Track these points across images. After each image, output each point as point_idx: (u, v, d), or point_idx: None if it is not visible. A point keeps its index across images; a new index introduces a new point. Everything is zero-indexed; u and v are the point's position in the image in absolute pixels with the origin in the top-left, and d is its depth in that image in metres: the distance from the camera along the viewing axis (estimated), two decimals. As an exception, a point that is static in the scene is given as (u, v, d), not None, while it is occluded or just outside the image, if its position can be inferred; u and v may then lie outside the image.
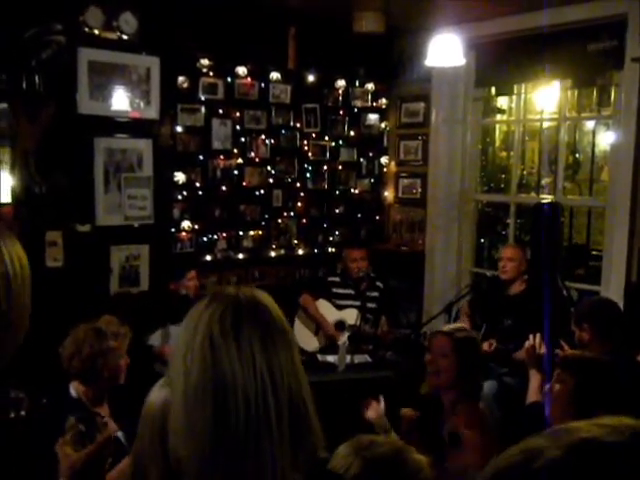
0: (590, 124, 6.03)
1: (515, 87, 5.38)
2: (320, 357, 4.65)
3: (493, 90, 5.64)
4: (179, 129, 4.87)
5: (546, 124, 5.64)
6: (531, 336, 3.09)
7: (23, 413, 2.62)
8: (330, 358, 4.53)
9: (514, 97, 5.58)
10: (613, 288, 4.58)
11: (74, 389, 2.64)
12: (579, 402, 2.16)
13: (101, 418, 2.04)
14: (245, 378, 1.07)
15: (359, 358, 4.38)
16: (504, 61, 5.18)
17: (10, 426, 2.51)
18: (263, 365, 1.09)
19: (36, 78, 4.13)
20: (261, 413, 1.07)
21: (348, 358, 4.24)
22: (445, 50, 3.56)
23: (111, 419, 2.61)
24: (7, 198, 4.34)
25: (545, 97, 5.46)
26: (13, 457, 2.09)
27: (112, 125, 4.52)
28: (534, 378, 3.03)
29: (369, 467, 1.56)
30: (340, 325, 4.92)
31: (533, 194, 5.85)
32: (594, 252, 5.81)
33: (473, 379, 2.81)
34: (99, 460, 1.83)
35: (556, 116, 5.29)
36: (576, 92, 5.32)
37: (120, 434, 2.55)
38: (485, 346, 4.33)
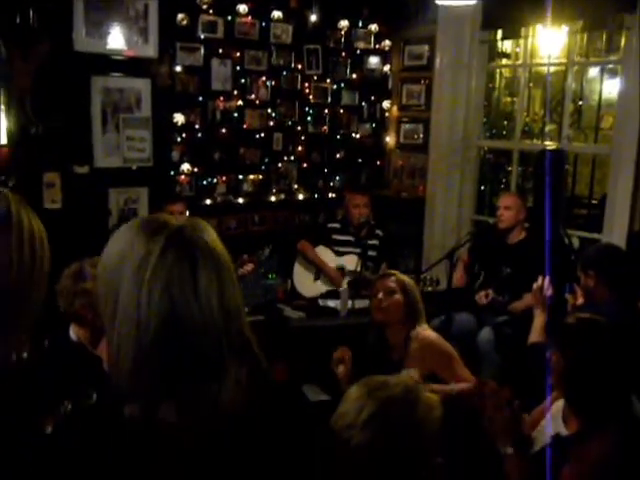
0: (595, 71, 5.91)
1: (522, 30, 5.24)
2: (321, 302, 4.64)
3: (499, 33, 5.50)
4: (178, 69, 4.74)
5: (553, 69, 5.52)
6: (540, 277, 3.08)
7: (25, 355, 2.60)
8: (331, 303, 4.53)
9: (520, 41, 5.45)
10: (615, 236, 4.55)
11: (73, 332, 2.61)
12: (566, 380, 2.13)
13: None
14: (202, 322, 1.08)
15: (360, 303, 4.37)
16: (512, 2, 5.03)
17: (12, 369, 2.49)
18: (219, 307, 1.10)
19: (30, 13, 4.00)
20: (216, 351, 1.09)
21: (349, 303, 4.23)
22: (456, -13, 3.43)
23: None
24: (3, 140, 4.25)
25: (552, 41, 5.32)
26: (16, 401, 2.08)
27: (109, 63, 4.41)
28: (539, 318, 3.03)
29: (383, 408, 1.54)
30: (340, 271, 4.90)
31: (536, 141, 5.77)
32: (594, 201, 5.78)
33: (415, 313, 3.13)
34: None
35: (564, 61, 5.18)
36: (585, 36, 5.19)
37: None
38: (481, 297, 4.32)
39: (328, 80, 5.61)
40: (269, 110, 5.29)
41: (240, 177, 5.22)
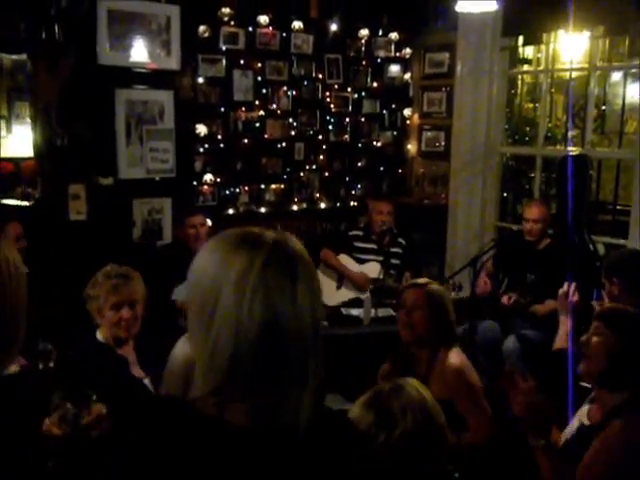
0: (618, 76, 5.87)
1: (543, 36, 5.21)
2: (344, 311, 4.64)
3: (520, 39, 5.48)
4: (200, 80, 4.80)
5: (575, 74, 5.49)
6: (565, 283, 3.05)
7: (52, 365, 2.65)
8: (354, 312, 4.52)
9: (542, 47, 5.43)
10: (641, 242, 4.50)
11: (100, 333, 2.68)
12: (617, 359, 2.12)
13: (90, 395, 2.04)
14: (297, 330, 1.12)
15: (383, 312, 4.36)
16: (533, 8, 5.01)
17: (39, 377, 2.52)
18: (311, 316, 1.13)
19: (55, 27, 4.07)
20: (303, 358, 1.12)
21: (372, 312, 4.22)
22: (476, -5, 3.44)
23: (137, 365, 2.67)
24: (29, 152, 4.32)
25: (574, 46, 5.30)
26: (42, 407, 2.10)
27: (132, 76, 4.46)
28: (564, 325, 3.00)
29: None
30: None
31: (559, 147, 5.74)
32: (619, 207, 5.72)
33: (446, 334, 2.83)
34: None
35: (586, 66, 5.15)
36: (607, 41, 5.16)
37: (147, 380, 2.65)
38: (504, 300, 4.30)
39: (349, 89, 5.63)
40: (290, 120, 5.31)
41: (262, 187, 5.25)
